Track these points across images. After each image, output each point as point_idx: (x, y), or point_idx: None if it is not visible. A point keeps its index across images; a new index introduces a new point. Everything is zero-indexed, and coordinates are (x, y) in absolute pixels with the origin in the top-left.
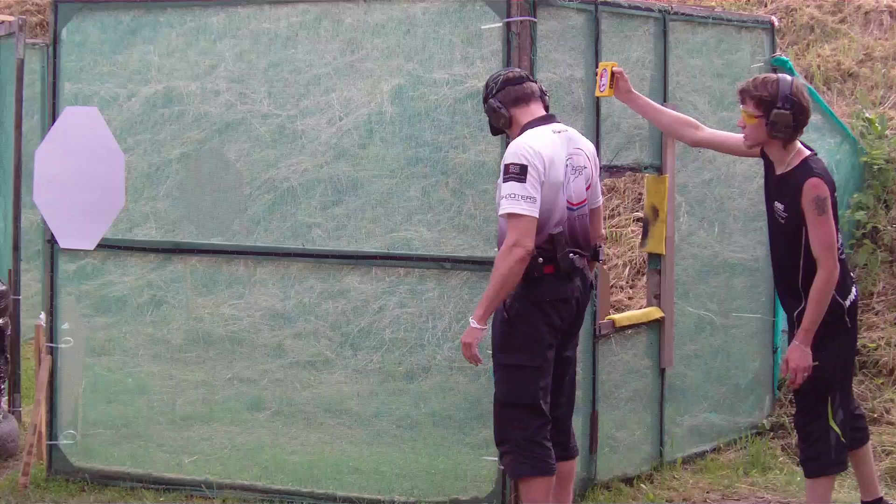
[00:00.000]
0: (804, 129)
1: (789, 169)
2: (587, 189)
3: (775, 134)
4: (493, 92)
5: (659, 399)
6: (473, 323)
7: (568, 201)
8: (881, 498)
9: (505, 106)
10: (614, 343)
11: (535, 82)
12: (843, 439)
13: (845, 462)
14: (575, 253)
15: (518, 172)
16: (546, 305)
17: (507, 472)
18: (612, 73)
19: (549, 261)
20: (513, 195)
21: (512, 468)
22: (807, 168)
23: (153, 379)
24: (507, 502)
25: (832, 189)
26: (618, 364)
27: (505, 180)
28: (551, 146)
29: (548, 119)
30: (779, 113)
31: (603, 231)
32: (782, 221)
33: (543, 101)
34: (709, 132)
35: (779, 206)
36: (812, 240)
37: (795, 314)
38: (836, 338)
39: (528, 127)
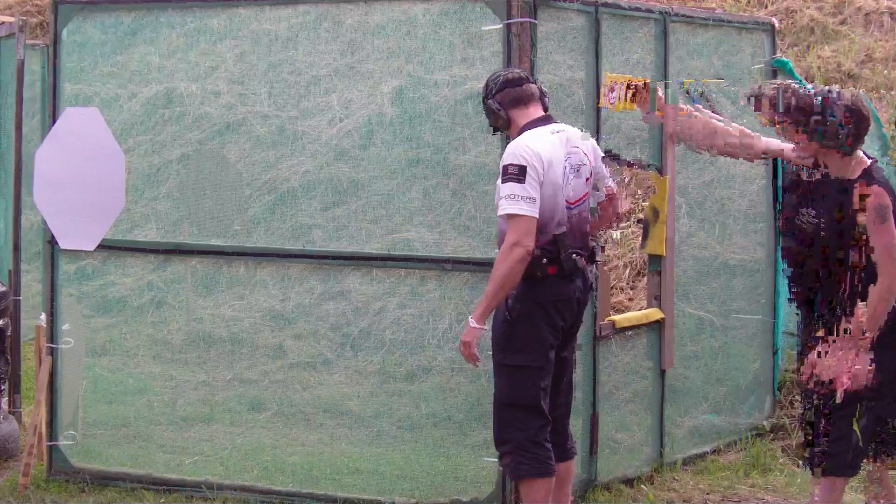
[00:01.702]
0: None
1: (851, 177)
2: (586, 181)
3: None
4: (493, 93)
5: (659, 400)
6: (472, 322)
7: (566, 200)
8: None
9: (504, 107)
10: (614, 344)
11: (535, 83)
12: (861, 444)
13: (858, 467)
14: (577, 253)
15: (517, 173)
16: (549, 306)
17: (507, 473)
18: (629, 87)
19: (553, 261)
20: (512, 196)
21: (512, 469)
22: (868, 177)
23: (153, 380)
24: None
25: (893, 198)
26: (618, 365)
27: (504, 181)
28: (550, 147)
29: (546, 120)
30: (832, 123)
31: (622, 209)
32: (810, 227)
33: (543, 103)
34: (764, 141)
35: (810, 211)
36: (874, 247)
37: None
38: (890, 347)
39: (526, 128)
